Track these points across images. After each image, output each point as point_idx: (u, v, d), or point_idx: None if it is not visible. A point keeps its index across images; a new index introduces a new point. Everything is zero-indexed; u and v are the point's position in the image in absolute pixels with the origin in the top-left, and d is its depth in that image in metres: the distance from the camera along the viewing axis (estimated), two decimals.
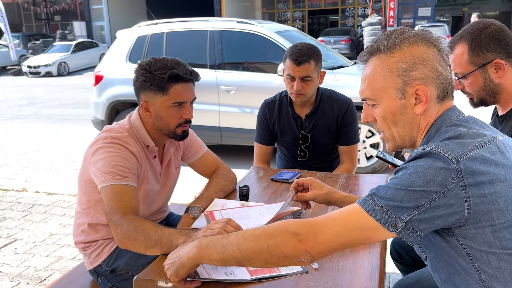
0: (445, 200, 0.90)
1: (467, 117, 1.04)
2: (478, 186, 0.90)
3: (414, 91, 1.02)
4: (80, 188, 1.68)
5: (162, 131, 1.66)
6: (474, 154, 0.92)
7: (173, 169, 1.84)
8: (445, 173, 0.90)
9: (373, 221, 0.95)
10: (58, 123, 8.09)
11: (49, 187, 4.46)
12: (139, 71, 1.60)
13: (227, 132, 4.94)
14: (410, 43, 1.03)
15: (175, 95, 1.59)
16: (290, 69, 2.18)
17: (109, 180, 1.48)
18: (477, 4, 27.10)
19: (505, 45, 1.46)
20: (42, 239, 3.22)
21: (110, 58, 5.50)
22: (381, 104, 1.07)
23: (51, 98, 11.61)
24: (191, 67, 1.65)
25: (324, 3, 23.52)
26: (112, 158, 1.51)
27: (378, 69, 1.06)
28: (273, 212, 1.51)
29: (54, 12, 26.07)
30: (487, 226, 0.92)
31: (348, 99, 2.38)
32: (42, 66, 17.41)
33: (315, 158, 2.40)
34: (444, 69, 1.02)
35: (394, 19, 16.81)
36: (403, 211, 0.92)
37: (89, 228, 1.68)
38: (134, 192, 1.50)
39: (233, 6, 21.23)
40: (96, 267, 1.69)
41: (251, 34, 4.95)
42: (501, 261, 0.94)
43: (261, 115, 2.44)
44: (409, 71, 1.02)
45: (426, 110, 1.04)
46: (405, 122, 1.07)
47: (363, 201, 0.98)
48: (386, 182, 0.99)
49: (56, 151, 6.09)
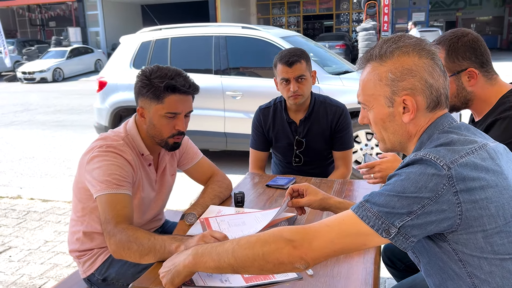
0: (437, 206, 0.91)
1: (460, 124, 1.05)
2: (469, 192, 0.91)
3: (401, 100, 1.04)
4: (75, 196, 1.68)
5: (155, 139, 1.66)
6: (465, 160, 0.93)
7: (168, 177, 1.84)
8: (436, 179, 0.91)
9: (366, 227, 0.96)
10: (53, 130, 8.06)
11: (44, 194, 4.44)
12: (139, 77, 1.61)
13: (233, 138, 4.92)
14: (401, 53, 1.04)
15: (169, 105, 1.58)
16: (283, 72, 2.20)
17: (104, 189, 1.48)
18: (470, 9, 27.35)
19: (479, 55, 1.51)
20: (37, 246, 3.20)
21: (114, 63, 5.47)
22: (372, 110, 1.10)
23: (46, 104, 11.58)
24: (193, 80, 1.64)
25: (319, 8, 23.66)
26: (108, 167, 1.51)
27: (370, 76, 1.08)
28: (268, 219, 1.52)
29: (49, 18, 26.05)
30: (478, 231, 0.93)
31: (342, 105, 2.40)
32: (37, 72, 17.37)
33: (310, 164, 2.42)
34: (436, 80, 1.03)
35: (388, 24, 16.92)
36: (396, 217, 0.93)
37: (84, 236, 1.68)
38: (128, 201, 1.51)
39: (228, 12, 21.30)
40: (89, 275, 1.69)
41: (256, 39, 4.95)
42: (493, 266, 0.95)
43: (256, 121, 2.45)
44: (398, 81, 1.03)
45: (414, 119, 1.05)
46: (394, 129, 1.09)
47: (356, 207, 0.99)
48: (380, 188, 1.00)
49: (51, 158, 6.07)
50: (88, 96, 12.06)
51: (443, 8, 27.23)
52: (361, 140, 4.64)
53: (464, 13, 27.50)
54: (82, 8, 23.46)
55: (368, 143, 4.63)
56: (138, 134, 1.66)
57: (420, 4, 21.19)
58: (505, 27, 26.62)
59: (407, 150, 1.12)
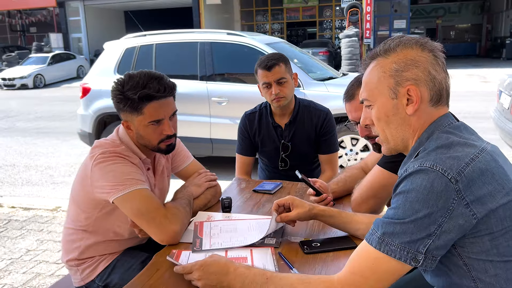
0: (452, 222, 0.91)
1: (459, 124, 1.06)
2: (480, 201, 0.91)
3: (405, 91, 1.04)
4: (77, 206, 1.62)
5: (147, 147, 1.64)
6: (471, 168, 0.93)
7: (165, 180, 1.83)
8: (445, 195, 0.91)
9: (396, 261, 0.96)
10: (35, 137, 7.93)
11: (26, 202, 4.34)
12: (113, 92, 1.56)
13: (219, 144, 4.92)
14: (404, 46, 1.06)
15: (150, 114, 1.53)
16: (264, 77, 2.24)
17: (128, 187, 1.47)
18: (449, 16, 27.96)
19: None
20: (19, 255, 3.13)
21: (98, 69, 5.42)
22: (376, 105, 1.10)
23: (27, 111, 11.38)
24: (168, 80, 1.58)
25: (302, 15, 23.86)
26: (124, 168, 1.51)
27: (374, 71, 1.10)
28: (261, 230, 1.51)
29: (30, 23, 25.72)
30: (485, 234, 0.94)
31: (326, 109, 2.43)
32: (17, 78, 17.09)
33: (297, 168, 2.41)
34: (438, 73, 1.04)
35: (370, 31, 17.16)
36: (418, 243, 0.93)
37: (86, 244, 1.64)
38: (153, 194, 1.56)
39: (212, 18, 21.31)
40: (89, 283, 1.65)
41: (241, 45, 4.98)
42: (497, 268, 0.95)
43: (242, 127, 2.46)
44: (401, 72, 1.05)
45: (418, 111, 1.06)
46: (397, 123, 1.09)
47: (377, 243, 0.98)
48: (388, 210, 0.99)
49: (33, 165, 5.96)
50: (70, 103, 11.91)
51: (423, 16, 27.78)
52: (346, 145, 4.69)
53: (444, 21, 28.09)
54: (64, 13, 23.19)
55: (353, 148, 4.67)
56: (131, 140, 1.64)
57: (401, 12, 21.54)
58: (483, 35, 27.27)
59: (407, 149, 1.12)
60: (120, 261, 1.64)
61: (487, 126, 6.88)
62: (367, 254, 1.00)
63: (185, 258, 1.36)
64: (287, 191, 2.06)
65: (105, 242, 1.63)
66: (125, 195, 1.47)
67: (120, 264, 1.56)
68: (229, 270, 1.15)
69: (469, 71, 16.78)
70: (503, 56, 22.34)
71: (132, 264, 1.61)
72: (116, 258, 1.66)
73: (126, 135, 1.64)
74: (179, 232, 1.49)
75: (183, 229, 1.52)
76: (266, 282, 1.08)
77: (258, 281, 1.10)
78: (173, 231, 1.46)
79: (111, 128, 5.03)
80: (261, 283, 1.09)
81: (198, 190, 1.80)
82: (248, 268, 1.15)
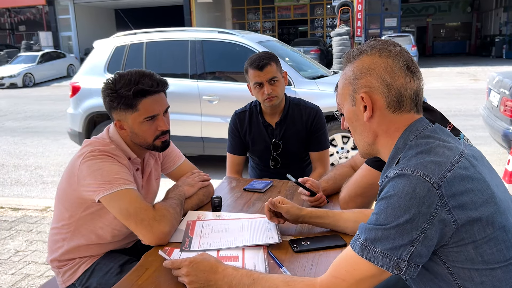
0: (434, 228, 0.91)
1: (435, 127, 1.06)
2: (462, 207, 0.91)
3: (360, 98, 1.06)
4: (62, 204, 1.61)
5: (142, 146, 1.63)
6: (452, 173, 0.92)
7: (153, 181, 1.81)
8: (428, 201, 0.90)
9: (377, 268, 0.95)
10: (24, 136, 7.85)
11: (15, 202, 4.30)
12: (105, 91, 1.56)
13: (210, 143, 4.91)
14: (366, 54, 1.07)
15: (145, 110, 1.54)
16: (255, 76, 2.23)
17: (116, 186, 1.46)
18: (440, 15, 28.19)
19: None
20: (8, 256, 3.10)
21: (88, 68, 5.38)
22: (344, 110, 1.14)
23: (16, 110, 11.26)
24: (158, 76, 1.59)
25: (294, 14, 23.88)
26: (112, 167, 1.49)
27: (342, 77, 1.13)
28: (252, 234, 1.50)
29: (19, 22, 25.43)
30: (469, 243, 0.93)
31: (316, 107, 2.43)
32: (6, 77, 16.89)
33: (288, 166, 2.43)
34: (395, 80, 1.03)
35: (361, 29, 17.23)
36: (401, 249, 0.92)
37: (68, 245, 1.62)
38: (139, 194, 1.54)
39: (203, 17, 21.25)
40: (69, 286, 1.63)
41: (232, 44, 4.96)
42: (483, 276, 0.95)
43: (232, 126, 2.46)
44: (357, 79, 1.07)
45: (377, 118, 1.06)
46: (360, 129, 1.11)
47: (360, 249, 0.98)
48: (371, 216, 0.99)
49: (22, 165, 5.90)
50: (60, 102, 11.81)
51: (414, 14, 27.97)
52: (337, 143, 4.70)
53: (434, 19, 28.31)
54: (54, 12, 22.97)
55: (344, 146, 4.69)
56: (121, 139, 1.62)
57: (392, 10, 21.66)
58: (473, 33, 27.53)
59: (380, 154, 1.12)
60: (100, 264, 1.62)
61: (476, 124, 6.95)
62: (349, 259, 1.00)
63: (176, 256, 1.35)
64: (277, 189, 2.06)
65: (87, 244, 1.61)
66: (112, 194, 1.45)
67: (99, 268, 1.54)
68: (218, 269, 1.16)
69: (459, 69, 16.93)
70: (492, 54, 22.59)
71: (110, 267, 1.58)
72: (96, 261, 1.63)
73: (117, 134, 1.62)
74: (168, 234, 1.48)
75: (172, 230, 1.50)
76: (252, 283, 1.10)
77: (245, 282, 1.11)
78: (161, 232, 1.45)
79: (101, 127, 4.99)
80: (248, 284, 1.10)
81: (191, 190, 1.78)
82: (236, 269, 1.16)
